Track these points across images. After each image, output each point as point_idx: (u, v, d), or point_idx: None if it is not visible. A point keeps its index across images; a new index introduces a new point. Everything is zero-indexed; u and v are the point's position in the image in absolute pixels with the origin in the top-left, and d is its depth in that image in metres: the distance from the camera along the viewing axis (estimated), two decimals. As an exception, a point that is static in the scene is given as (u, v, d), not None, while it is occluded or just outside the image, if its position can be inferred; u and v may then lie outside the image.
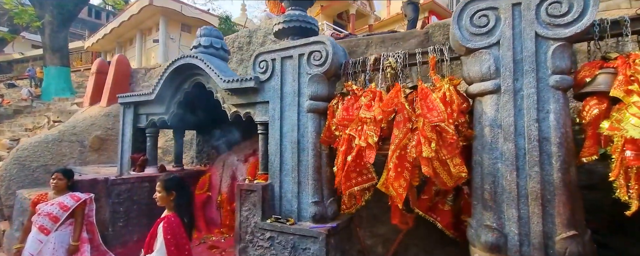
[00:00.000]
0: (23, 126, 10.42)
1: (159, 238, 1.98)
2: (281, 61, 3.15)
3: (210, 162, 5.16)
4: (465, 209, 2.54)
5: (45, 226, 2.99)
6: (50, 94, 17.12)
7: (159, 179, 2.14)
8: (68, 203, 3.09)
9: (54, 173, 3.13)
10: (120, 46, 22.74)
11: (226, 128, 4.84)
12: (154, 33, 19.53)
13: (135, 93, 4.30)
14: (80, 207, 3.15)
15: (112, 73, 6.63)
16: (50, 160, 5.36)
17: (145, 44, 20.38)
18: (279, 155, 3.08)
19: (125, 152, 4.42)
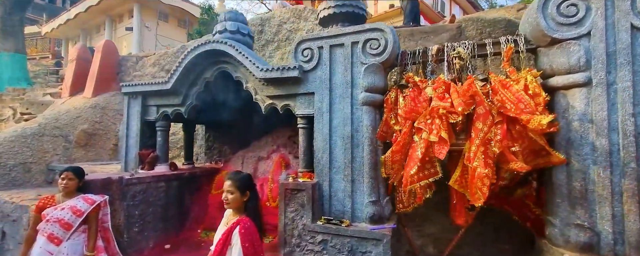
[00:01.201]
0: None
1: (235, 245, 1.70)
2: (330, 49, 2.90)
3: (221, 159, 4.77)
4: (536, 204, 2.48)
5: (55, 234, 2.53)
6: (2, 83, 15.25)
7: (230, 178, 1.83)
8: (81, 207, 2.64)
9: (63, 172, 2.66)
10: (86, 33, 20.91)
11: (242, 122, 4.48)
12: (126, 20, 18.14)
13: (144, 82, 3.82)
14: (94, 211, 2.71)
15: (98, 61, 5.91)
16: (30, 157, 4.66)
17: (115, 32, 18.88)
18: (327, 151, 2.84)
19: (130, 148, 3.93)
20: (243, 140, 4.53)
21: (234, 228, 1.75)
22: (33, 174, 4.64)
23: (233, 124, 4.57)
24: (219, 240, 1.77)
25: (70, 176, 2.66)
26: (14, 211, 3.75)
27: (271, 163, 4.08)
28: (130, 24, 17.40)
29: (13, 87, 14.00)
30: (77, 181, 2.70)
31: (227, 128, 4.63)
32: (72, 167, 2.74)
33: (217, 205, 3.96)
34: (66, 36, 22.34)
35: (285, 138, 4.13)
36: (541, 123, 1.95)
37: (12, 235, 3.75)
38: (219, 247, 1.75)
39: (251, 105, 4.30)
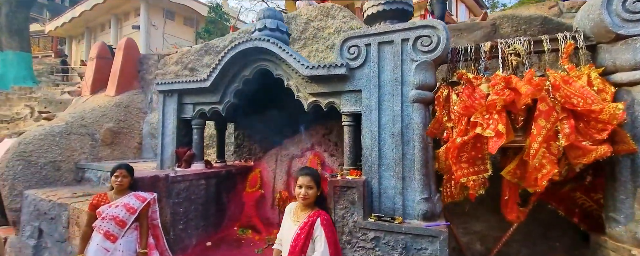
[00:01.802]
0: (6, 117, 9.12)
1: (319, 236, 1.75)
2: (378, 46, 2.90)
3: (251, 157, 4.77)
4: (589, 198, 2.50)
5: (111, 231, 2.54)
6: (7, 82, 15.18)
7: (309, 174, 1.87)
8: (134, 205, 2.65)
9: (116, 169, 2.66)
10: (90, 32, 20.87)
11: (273, 120, 4.47)
12: (132, 19, 18.08)
13: (181, 80, 3.81)
14: (145, 209, 2.73)
15: (120, 59, 5.89)
16: (59, 156, 4.66)
17: (121, 31, 18.81)
18: (376, 149, 2.84)
19: (166, 146, 3.92)
20: (274, 139, 4.52)
21: (315, 220, 1.79)
22: (62, 173, 4.64)
23: (264, 123, 4.57)
24: (298, 235, 1.79)
25: (124, 173, 2.66)
26: (51, 209, 3.75)
27: (306, 161, 4.08)
28: (136, 22, 17.33)
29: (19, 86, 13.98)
30: (129, 178, 2.72)
31: (258, 127, 4.63)
32: (125, 164, 2.74)
33: (253, 203, 3.97)
34: (70, 35, 22.30)
35: (320, 136, 4.13)
36: (617, 109, 1.96)
37: (50, 233, 3.76)
38: (300, 241, 1.76)
39: (283, 103, 4.34)
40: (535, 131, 2.20)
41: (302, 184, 1.85)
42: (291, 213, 1.98)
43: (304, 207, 1.90)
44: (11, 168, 4.25)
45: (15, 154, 4.33)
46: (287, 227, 1.93)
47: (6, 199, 4.19)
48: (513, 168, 2.36)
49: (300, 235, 1.78)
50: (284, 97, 4.22)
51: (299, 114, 4.23)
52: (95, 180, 4.62)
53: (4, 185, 4.20)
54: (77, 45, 22.41)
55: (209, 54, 5.78)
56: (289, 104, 4.25)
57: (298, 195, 1.86)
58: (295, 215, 1.94)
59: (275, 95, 4.09)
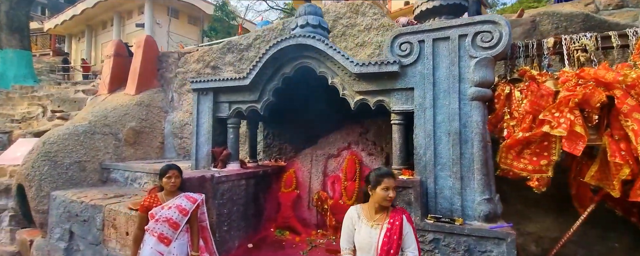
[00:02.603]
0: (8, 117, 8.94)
1: (410, 234, 1.79)
2: (432, 42, 2.82)
3: (281, 156, 4.68)
4: None
5: (165, 234, 2.45)
6: (8, 81, 14.90)
7: (393, 176, 1.80)
8: (186, 206, 2.56)
9: (168, 170, 2.57)
10: (91, 30, 20.63)
11: (305, 118, 4.39)
12: (136, 17, 17.89)
13: (217, 77, 3.71)
14: (195, 210, 2.63)
15: (140, 56, 5.76)
16: (84, 155, 4.53)
17: (124, 29, 18.61)
18: (432, 148, 2.77)
19: (201, 145, 3.82)
20: (306, 137, 4.44)
21: (401, 219, 1.79)
22: (88, 173, 4.52)
23: (294, 121, 4.48)
24: (389, 237, 1.74)
25: (176, 174, 2.57)
26: (84, 211, 3.64)
27: (342, 161, 4.01)
28: (139, 20, 17.14)
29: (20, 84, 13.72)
30: (181, 179, 2.62)
31: (288, 125, 4.54)
32: (175, 165, 2.64)
33: (290, 204, 3.88)
34: (70, 33, 22.02)
35: (356, 135, 4.05)
36: None
37: (83, 235, 3.65)
38: (394, 243, 1.73)
39: (316, 101, 4.25)
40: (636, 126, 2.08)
41: (388, 187, 1.78)
42: (362, 218, 1.89)
43: (379, 209, 1.84)
44: (37, 169, 4.12)
45: (41, 155, 4.20)
46: (365, 233, 1.84)
47: (33, 200, 4.06)
48: (595, 171, 2.29)
49: (391, 237, 1.73)
50: (316, 95, 4.16)
51: (333, 112, 4.19)
52: (121, 181, 4.51)
53: (31, 186, 4.08)
54: (77, 43, 22.12)
55: (231, 52, 5.67)
56: (321, 103, 4.20)
57: (384, 198, 1.78)
58: (370, 218, 1.86)
59: (307, 93, 4.01)
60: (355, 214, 1.90)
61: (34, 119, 7.26)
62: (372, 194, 1.84)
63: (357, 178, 3.81)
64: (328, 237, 3.57)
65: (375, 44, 4.73)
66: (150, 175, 4.22)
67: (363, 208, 1.91)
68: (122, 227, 3.28)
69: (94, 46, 20.34)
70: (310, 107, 4.32)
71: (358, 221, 1.87)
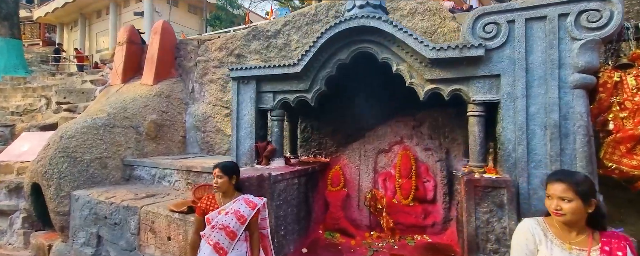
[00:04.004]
0: (2, 109, 8.37)
1: None
2: (525, 23, 2.49)
3: (320, 151, 4.34)
4: None
5: (221, 244, 2.12)
6: None
7: (563, 179, 1.39)
8: (244, 212, 2.21)
9: (214, 168, 2.22)
10: (85, 18, 19.78)
11: (349, 110, 4.04)
12: (133, 4, 17.13)
13: (261, 64, 3.33)
14: (255, 217, 2.28)
15: (157, 44, 5.30)
16: (105, 151, 4.12)
17: (120, 17, 17.85)
18: (524, 143, 2.46)
19: (242, 140, 3.46)
20: (349, 131, 4.10)
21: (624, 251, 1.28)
22: (110, 171, 4.12)
23: (336, 114, 4.13)
24: None
25: (218, 173, 2.21)
26: (114, 213, 3.27)
27: (394, 156, 3.69)
28: (137, 8, 16.39)
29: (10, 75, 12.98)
30: (226, 179, 2.23)
31: (328, 118, 4.18)
32: (221, 163, 2.27)
33: (339, 203, 3.56)
34: (61, 22, 21.09)
35: (409, 128, 3.72)
36: None
37: (113, 240, 3.28)
38: None
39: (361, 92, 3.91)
40: None
41: (554, 195, 1.35)
42: (552, 238, 1.39)
43: (575, 227, 1.36)
44: (55, 166, 3.71)
45: (59, 150, 3.78)
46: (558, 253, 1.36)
47: (52, 201, 3.66)
48: None
49: None
50: (362, 85, 3.81)
51: (381, 103, 3.85)
52: (147, 178, 4.12)
53: (49, 185, 3.67)
54: (69, 33, 21.22)
55: (257, 39, 5.25)
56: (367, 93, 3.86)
57: (550, 211, 1.37)
58: (565, 239, 1.37)
59: (351, 82, 3.66)
60: (539, 230, 1.42)
61: (37, 112, 6.75)
62: None
63: (413, 175, 3.50)
64: (386, 240, 3.27)
65: (420, 30, 4.36)
66: (181, 172, 3.85)
67: (549, 224, 1.43)
68: (163, 231, 2.93)
69: (88, 36, 19.52)
70: (354, 98, 3.98)
71: (545, 241, 1.39)
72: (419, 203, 3.46)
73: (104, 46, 18.05)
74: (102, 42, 18.58)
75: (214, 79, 5.40)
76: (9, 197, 4.28)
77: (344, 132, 4.13)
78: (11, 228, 4.21)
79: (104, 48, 17.86)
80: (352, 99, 3.99)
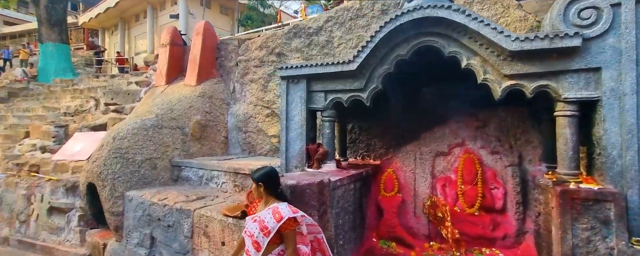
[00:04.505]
0: (55, 110, 8.95)
1: None
2: (634, 6, 2.10)
3: (369, 153, 4.10)
4: None
5: (250, 252, 1.99)
6: (49, 74, 15.24)
7: None
8: (268, 223, 2.00)
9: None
10: (125, 23, 20.75)
11: (400, 109, 3.77)
12: (168, 7, 17.70)
13: (313, 63, 3.15)
14: (287, 228, 2.06)
15: (199, 44, 5.32)
16: (154, 152, 4.17)
17: (157, 21, 18.54)
18: (635, 148, 2.09)
19: (291, 142, 3.31)
20: (400, 132, 3.83)
21: None
22: (159, 171, 4.16)
23: (386, 113, 3.87)
24: None
25: (252, 180, 2.07)
26: (167, 215, 3.25)
27: (454, 160, 3.37)
28: (173, 11, 16.93)
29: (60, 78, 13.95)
30: (255, 186, 2.09)
31: (378, 118, 3.93)
32: (254, 170, 2.13)
33: (394, 210, 3.31)
34: (103, 26, 22.30)
35: (472, 129, 3.39)
36: None
37: (167, 242, 3.27)
38: None
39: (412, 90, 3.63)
40: None
41: None
42: None
43: None
44: (109, 167, 3.79)
45: (112, 151, 3.86)
46: None
47: (107, 201, 3.74)
48: None
49: None
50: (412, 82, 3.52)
51: (438, 101, 3.55)
52: (195, 180, 4.12)
53: (104, 186, 3.75)
54: (110, 37, 22.43)
55: (298, 36, 5.10)
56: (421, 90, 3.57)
57: None
58: None
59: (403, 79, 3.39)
60: None
61: (87, 112, 7.09)
62: None
63: (479, 181, 3.17)
64: (451, 253, 2.98)
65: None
66: (228, 174, 3.79)
67: None
68: (217, 236, 2.85)
69: (127, 39, 20.53)
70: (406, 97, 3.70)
71: None
72: (486, 213, 3.13)
73: (142, 49, 18.94)
74: (140, 45, 19.50)
75: (254, 79, 5.34)
76: (66, 195, 4.46)
77: (395, 133, 3.86)
78: (68, 225, 4.39)
79: (142, 50, 18.74)
80: (406, 98, 3.71)
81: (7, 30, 24.55)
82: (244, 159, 4.35)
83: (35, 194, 4.62)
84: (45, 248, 4.35)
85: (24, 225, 4.66)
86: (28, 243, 4.49)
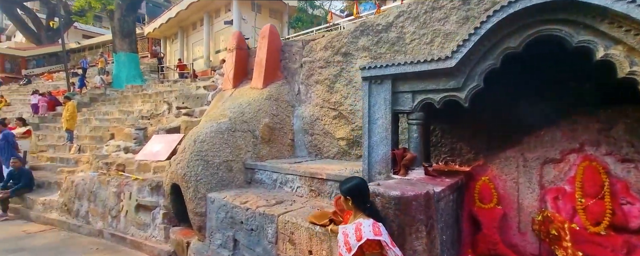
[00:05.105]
0: (129, 113, 9.85)
1: None
2: None
3: (454, 159, 3.74)
4: None
5: None
6: (121, 81, 17.01)
7: None
8: (350, 239, 1.90)
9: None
10: (183, 31, 22.29)
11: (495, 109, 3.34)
12: (223, 14, 18.62)
13: (399, 61, 2.91)
14: (370, 250, 1.83)
15: (265, 47, 5.39)
16: (230, 155, 4.27)
17: (212, 27, 19.63)
18: None
19: (374, 146, 3.10)
20: (494, 134, 3.41)
21: None
22: (234, 174, 4.25)
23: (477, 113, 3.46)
24: None
25: (338, 190, 1.89)
26: (250, 219, 3.25)
27: (569, 168, 2.88)
28: (227, 17, 17.76)
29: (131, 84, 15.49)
30: (342, 198, 1.95)
31: (466, 118, 3.55)
32: (344, 180, 1.94)
33: (495, 224, 2.93)
34: (164, 36, 24.25)
35: (593, 131, 2.87)
36: None
37: (250, 246, 3.27)
38: None
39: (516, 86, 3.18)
40: None
41: None
42: None
43: None
44: (192, 169, 3.94)
45: (194, 154, 4.01)
46: None
47: (191, 202, 3.90)
48: None
49: None
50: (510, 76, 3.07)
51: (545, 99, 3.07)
52: (268, 183, 4.12)
53: (188, 187, 3.91)
54: (170, 45, 24.35)
55: (365, 34, 4.88)
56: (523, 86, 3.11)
57: None
58: None
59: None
60: None
61: (161, 116, 7.66)
62: None
63: (606, 195, 2.66)
64: (572, 278, 2.53)
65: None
66: (304, 179, 3.72)
67: None
68: (304, 244, 2.76)
69: (186, 46, 22.10)
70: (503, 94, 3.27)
71: None
72: (616, 232, 2.61)
73: (198, 55, 20.28)
74: (197, 51, 20.90)
75: (320, 80, 5.24)
76: (151, 194, 4.78)
77: (488, 136, 3.45)
78: (153, 222, 4.70)
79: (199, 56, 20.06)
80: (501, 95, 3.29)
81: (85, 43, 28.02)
82: (315, 163, 4.26)
83: (124, 192, 5.02)
84: (134, 242, 4.70)
85: (115, 219, 5.10)
86: (119, 236, 4.89)
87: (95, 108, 12.87)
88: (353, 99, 4.87)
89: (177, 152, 4.83)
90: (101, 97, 14.27)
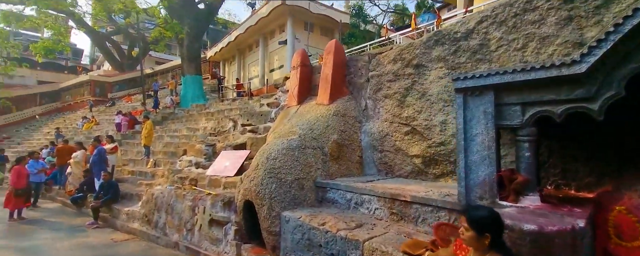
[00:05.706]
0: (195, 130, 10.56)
1: None
2: None
3: (567, 182, 3.15)
4: None
5: None
6: (187, 101, 18.63)
7: None
8: None
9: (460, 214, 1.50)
10: (240, 53, 23.78)
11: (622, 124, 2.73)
12: (277, 35, 19.52)
13: (506, 69, 2.53)
14: None
15: (331, 63, 5.36)
16: (301, 172, 4.18)
17: (267, 48, 20.65)
18: None
19: (474, 166, 2.71)
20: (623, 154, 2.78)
21: None
22: (306, 192, 4.13)
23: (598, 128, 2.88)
24: None
25: (464, 223, 1.50)
26: (330, 243, 3.03)
27: None
28: (281, 38, 18.60)
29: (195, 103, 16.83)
30: (474, 235, 1.49)
31: (580, 135, 2.98)
32: (472, 211, 1.57)
33: (644, 269, 2.30)
34: (224, 58, 26.17)
35: None
36: None
37: (330, 273, 3.02)
38: None
39: None
40: None
41: None
42: None
43: None
44: (266, 186, 3.90)
45: (267, 171, 3.99)
46: None
47: (265, 220, 3.84)
48: None
49: None
50: None
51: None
52: (342, 203, 3.90)
53: (262, 205, 3.87)
54: (228, 66, 26.20)
55: (440, 44, 4.54)
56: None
57: None
58: None
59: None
60: None
61: (227, 133, 8.03)
62: None
63: None
64: None
65: None
66: (383, 200, 3.43)
67: None
68: (396, 277, 2.43)
69: (242, 67, 23.57)
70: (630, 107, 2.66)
71: None
72: None
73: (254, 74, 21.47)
74: (252, 71, 22.16)
75: (389, 94, 4.98)
76: (223, 209, 4.88)
77: (614, 156, 2.83)
78: (225, 237, 4.75)
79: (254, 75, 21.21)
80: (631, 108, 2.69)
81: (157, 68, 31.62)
82: (389, 182, 3.95)
83: (198, 206, 5.21)
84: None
85: (189, 233, 5.29)
86: (194, 250, 5.04)
87: (167, 126, 14.19)
88: (428, 113, 4.51)
89: (246, 168, 4.90)
90: (171, 116, 15.75)
